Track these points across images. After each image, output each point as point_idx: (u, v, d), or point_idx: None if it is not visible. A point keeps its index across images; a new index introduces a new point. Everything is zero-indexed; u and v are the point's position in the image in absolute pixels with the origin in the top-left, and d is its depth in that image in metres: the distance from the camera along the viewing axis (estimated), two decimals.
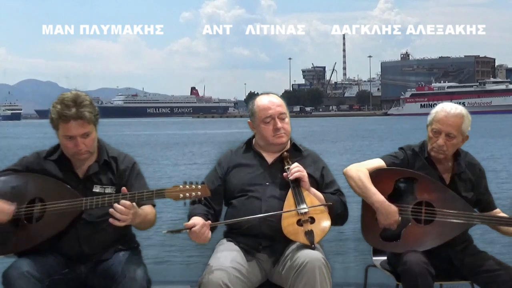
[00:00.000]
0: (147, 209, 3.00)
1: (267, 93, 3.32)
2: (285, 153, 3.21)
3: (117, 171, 3.07)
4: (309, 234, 2.94)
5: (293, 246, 2.99)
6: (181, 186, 2.87)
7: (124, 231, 3.07)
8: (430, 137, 3.25)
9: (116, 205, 2.81)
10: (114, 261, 2.97)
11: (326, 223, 3.00)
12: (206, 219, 3.02)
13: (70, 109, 2.89)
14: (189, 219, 3.05)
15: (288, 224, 2.98)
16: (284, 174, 3.13)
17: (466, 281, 3.24)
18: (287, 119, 3.24)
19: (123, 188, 2.89)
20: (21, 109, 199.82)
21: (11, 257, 2.95)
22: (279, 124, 3.18)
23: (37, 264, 2.83)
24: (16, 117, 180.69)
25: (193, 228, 2.92)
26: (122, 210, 2.80)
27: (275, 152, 3.25)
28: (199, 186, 2.88)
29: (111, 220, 2.82)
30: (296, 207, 3.00)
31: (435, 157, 3.27)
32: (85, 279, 3.00)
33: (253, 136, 3.34)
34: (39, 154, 3.10)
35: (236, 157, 3.28)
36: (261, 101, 3.25)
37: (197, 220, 2.97)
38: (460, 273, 3.23)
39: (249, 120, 3.30)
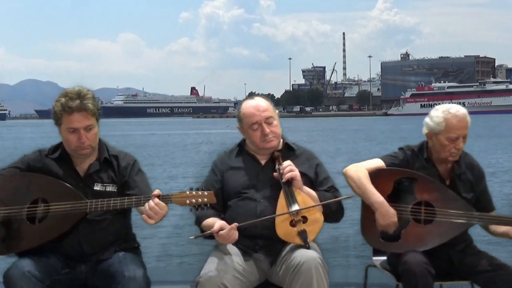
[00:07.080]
0: None
1: (252, 97, 3.28)
2: (275, 152, 3.19)
3: (118, 169, 3.08)
4: (302, 233, 2.94)
5: (290, 246, 3.00)
6: (187, 192, 2.87)
7: (124, 231, 3.08)
8: (446, 144, 3.21)
9: (150, 203, 2.82)
10: (114, 261, 2.97)
11: (318, 221, 2.99)
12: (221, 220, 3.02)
13: (74, 101, 2.91)
14: (200, 222, 3.07)
15: (282, 226, 2.98)
16: (275, 174, 3.12)
17: (466, 281, 3.24)
18: (275, 122, 3.19)
19: (157, 190, 2.88)
20: (6, 110, 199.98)
21: (12, 257, 2.95)
22: (267, 130, 3.15)
23: (38, 264, 2.83)
24: (1, 117, 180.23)
25: (221, 232, 2.92)
26: (155, 210, 2.82)
27: (267, 154, 3.23)
28: (206, 193, 2.88)
29: (143, 217, 2.84)
30: (288, 208, 2.99)
31: (452, 160, 3.25)
32: (85, 279, 3.00)
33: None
34: (40, 152, 3.10)
35: (230, 160, 3.26)
36: (246, 107, 3.21)
37: (219, 223, 2.96)
38: (460, 273, 3.23)
39: (238, 126, 3.28)
